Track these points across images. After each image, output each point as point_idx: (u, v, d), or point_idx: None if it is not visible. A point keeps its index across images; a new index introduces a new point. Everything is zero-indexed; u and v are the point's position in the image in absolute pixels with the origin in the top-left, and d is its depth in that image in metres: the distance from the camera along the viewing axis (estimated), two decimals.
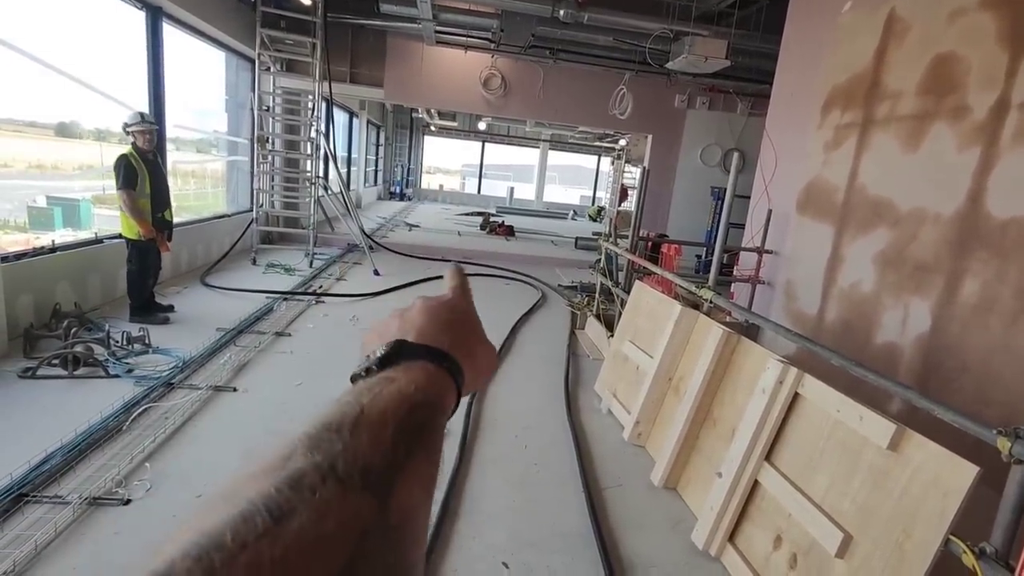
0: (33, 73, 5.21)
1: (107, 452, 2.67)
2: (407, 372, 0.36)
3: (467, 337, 0.46)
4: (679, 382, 3.11)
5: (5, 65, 4.83)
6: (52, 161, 8.67)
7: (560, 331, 5.65)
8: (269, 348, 4.31)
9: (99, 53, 6.04)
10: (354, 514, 0.25)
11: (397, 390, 0.33)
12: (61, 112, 7.02)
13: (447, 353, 0.40)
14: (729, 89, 9.06)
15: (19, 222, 9.27)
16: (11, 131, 11.50)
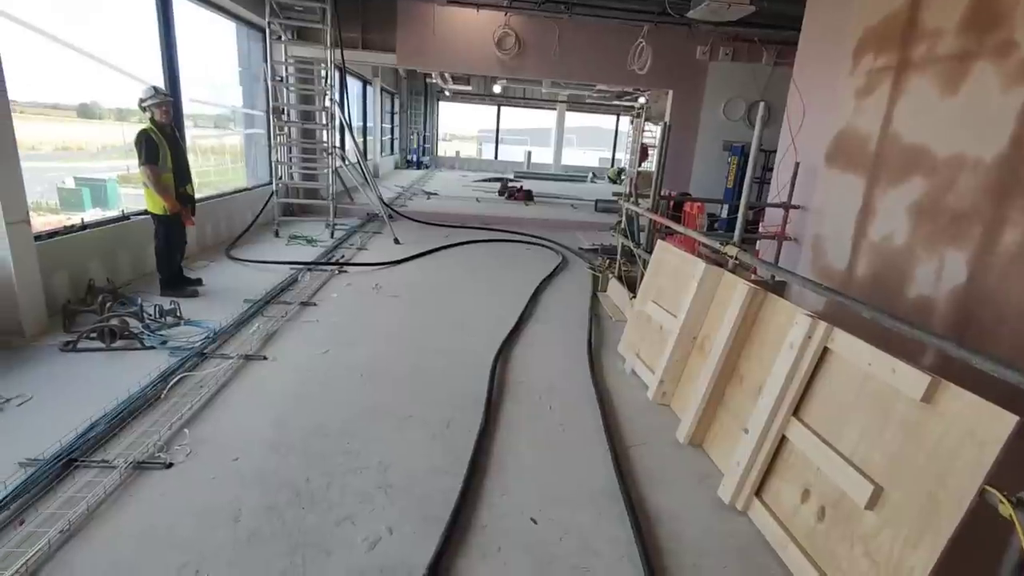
0: (53, 54, 5.24)
1: (147, 419, 2.78)
2: None
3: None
4: (704, 340, 3.08)
5: (27, 48, 4.85)
6: (77, 142, 8.82)
7: (582, 294, 5.63)
8: (295, 317, 4.38)
9: (113, 30, 6.03)
10: None
11: None
12: (82, 93, 7.09)
13: None
14: (754, 38, 8.67)
15: (51, 204, 9.53)
16: (36, 113, 11.74)
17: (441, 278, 5.87)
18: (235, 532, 2.13)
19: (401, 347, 3.96)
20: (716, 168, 9.57)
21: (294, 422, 2.89)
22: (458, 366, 3.70)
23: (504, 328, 4.38)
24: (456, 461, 2.64)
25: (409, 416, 3.01)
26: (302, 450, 2.66)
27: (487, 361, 3.73)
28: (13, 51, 4.20)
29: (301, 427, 2.84)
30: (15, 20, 4.60)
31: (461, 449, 2.73)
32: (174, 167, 4.53)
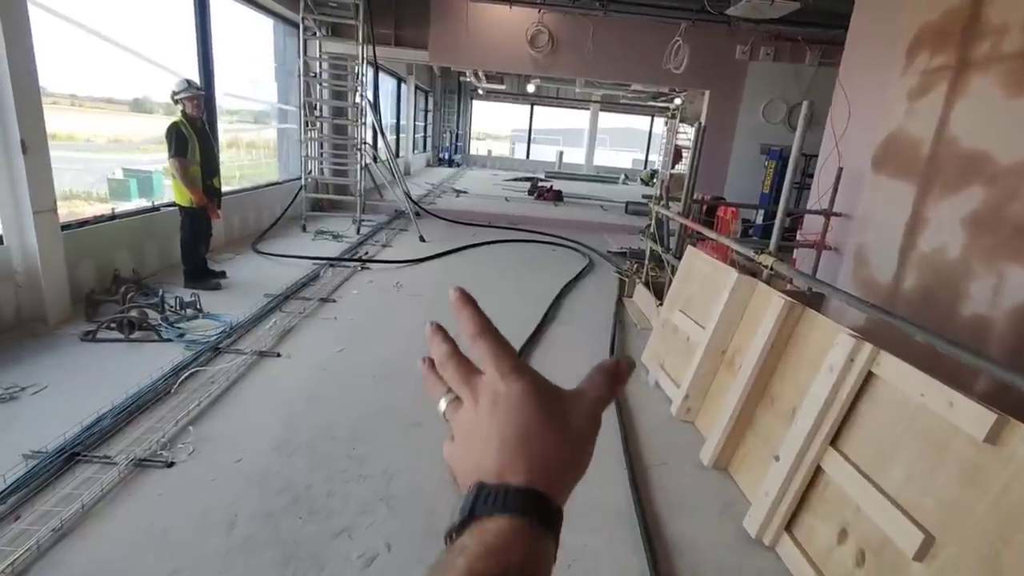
0: (108, 52, 5.39)
1: (155, 415, 2.74)
2: (482, 538, 0.31)
3: (555, 445, 0.36)
4: (733, 355, 2.88)
5: (85, 46, 4.99)
6: (128, 135, 9.10)
7: (607, 299, 5.44)
8: (314, 314, 4.34)
9: (155, 26, 6.15)
10: None
11: (473, 565, 0.29)
12: (135, 88, 7.30)
13: (536, 492, 0.33)
14: (798, 36, 8.29)
15: (101, 193, 9.87)
16: (92, 107, 12.17)
17: (464, 277, 5.76)
18: (229, 539, 2.05)
19: (418, 348, 3.83)
20: (753, 172, 9.21)
21: (302, 422, 2.82)
22: None
23: (526, 330, 4.24)
24: None
25: (419, 423, 2.90)
26: (307, 453, 2.57)
27: None
28: (72, 49, 4.35)
29: (309, 428, 2.76)
30: (72, 21, 4.73)
31: None
32: (202, 160, 4.54)
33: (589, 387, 0.42)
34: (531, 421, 0.36)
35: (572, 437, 0.38)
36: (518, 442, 0.35)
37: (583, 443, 0.39)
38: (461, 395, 0.40)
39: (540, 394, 0.38)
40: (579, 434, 0.39)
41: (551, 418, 0.37)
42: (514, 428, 0.36)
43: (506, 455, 0.35)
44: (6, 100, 3.31)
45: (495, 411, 0.37)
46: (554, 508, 0.34)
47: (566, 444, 0.37)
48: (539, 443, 0.35)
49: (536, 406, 0.37)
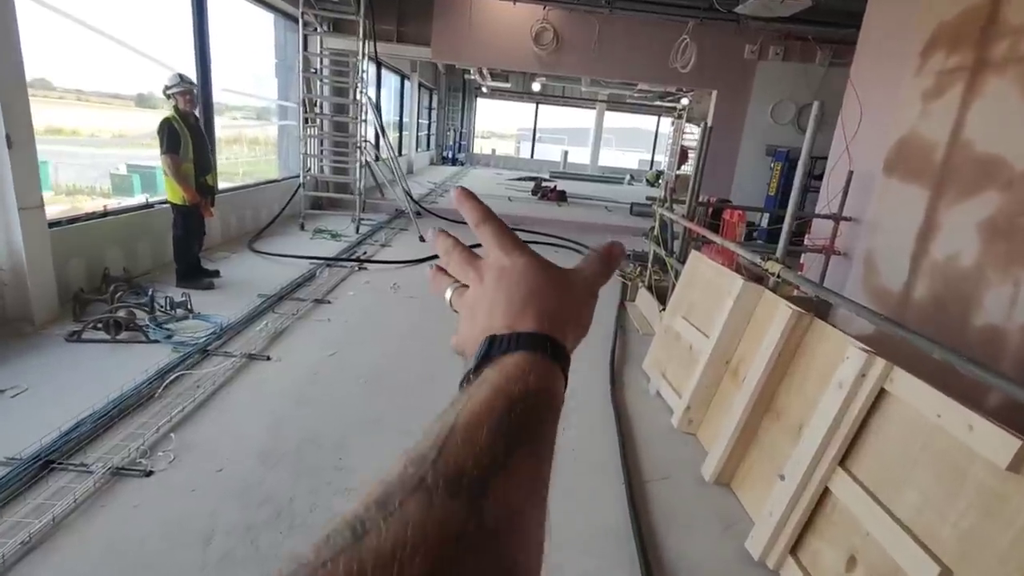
0: (113, 49, 5.34)
1: (136, 420, 2.65)
2: (501, 367, 0.34)
3: (557, 301, 0.40)
4: (738, 365, 2.76)
5: (91, 43, 4.94)
6: (133, 130, 9.05)
7: (609, 303, 5.33)
8: (307, 315, 4.24)
9: (159, 22, 6.08)
10: (439, 523, 0.25)
11: (490, 388, 0.32)
12: (140, 83, 7.25)
13: (544, 335, 0.37)
14: (808, 36, 8.14)
15: (104, 188, 9.81)
16: (98, 102, 12.12)
17: None
18: (205, 555, 1.95)
19: (412, 352, 3.76)
20: (760, 174, 9.07)
21: (288, 429, 2.72)
22: None
23: None
24: None
25: (408, 431, 2.79)
26: (292, 462, 2.48)
27: None
28: (79, 45, 4.32)
29: (295, 436, 2.67)
30: (75, 19, 4.67)
31: None
32: (195, 157, 4.45)
33: (586, 266, 0.45)
34: (536, 284, 0.40)
35: (573, 301, 0.41)
36: (525, 300, 0.38)
37: (583, 307, 0.43)
38: (467, 279, 0.43)
39: (542, 264, 0.42)
40: (579, 299, 0.42)
41: (554, 282, 0.41)
42: (520, 290, 0.39)
43: (514, 311, 0.38)
44: None
45: (500, 281, 0.40)
46: (563, 346, 0.37)
47: (569, 305, 0.41)
48: (544, 299, 0.39)
49: (539, 272, 0.41)
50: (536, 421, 0.32)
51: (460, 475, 0.27)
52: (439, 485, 0.26)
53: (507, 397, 0.31)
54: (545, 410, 0.34)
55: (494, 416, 0.30)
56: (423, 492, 0.26)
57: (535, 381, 0.34)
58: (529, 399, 0.32)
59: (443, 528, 0.25)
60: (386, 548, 0.23)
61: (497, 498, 0.27)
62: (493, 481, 0.27)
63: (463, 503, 0.26)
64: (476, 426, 0.29)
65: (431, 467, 0.27)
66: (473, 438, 0.29)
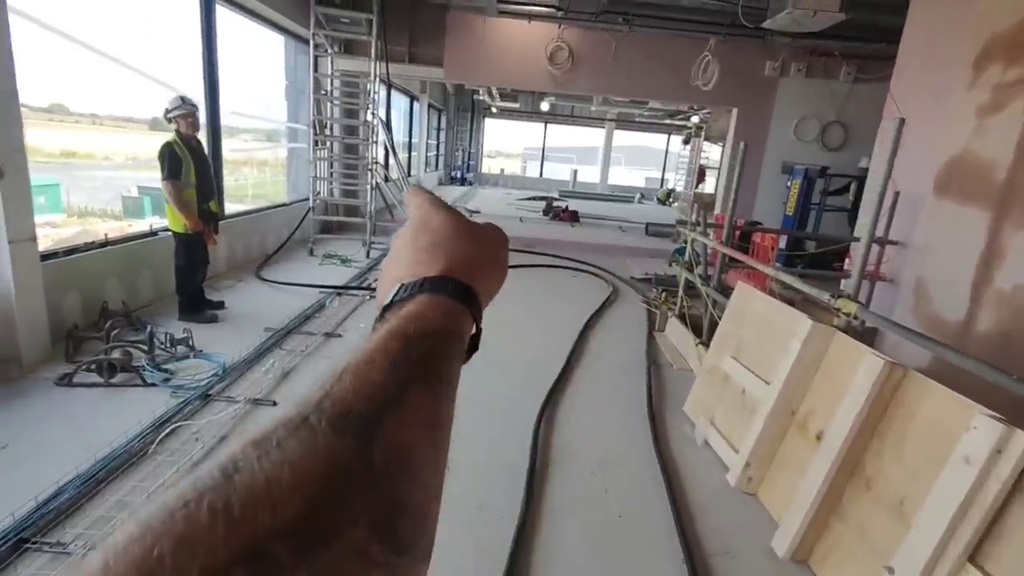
0: (127, 74, 5.22)
1: (125, 483, 2.33)
2: (402, 310, 0.34)
3: (468, 247, 0.41)
4: (806, 418, 2.42)
5: (105, 69, 4.84)
6: (146, 153, 8.97)
7: (636, 333, 5.00)
8: (316, 352, 3.94)
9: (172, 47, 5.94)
10: (323, 459, 0.24)
11: (386, 330, 0.32)
12: (154, 107, 7.11)
13: (448, 277, 0.38)
14: (835, 51, 7.89)
15: (115, 211, 9.70)
16: (113, 126, 12.14)
17: None
18: None
19: None
20: (784, 193, 8.77)
21: None
22: (494, 423, 3.14)
23: (548, 373, 3.81)
24: (489, 562, 2.08)
25: None
26: None
27: (528, 417, 3.16)
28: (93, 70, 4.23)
29: None
30: (88, 46, 4.52)
31: (495, 545, 2.16)
32: (198, 182, 4.21)
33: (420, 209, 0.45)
34: (446, 233, 0.41)
35: (486, 246, 0.43)
36: (434, 248, 0.40)
37: (497, 251, 0.45)
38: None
39: (456, 217, 0.43)
40: (491, 244, 0.44)
41: (464, 231, 0.42)
42: (430, 238, 0.41)
43: (423, 259, 0.39)
44: None
45: (417, 234, 0.41)
46: (469, 287, 0.38)
47: (481, 250, 0.42)
48: (453, 246, 0.40)
49: (451, 224, 0.42)
50: (435, 359, 0.32)
51: (347, 412, 0.26)
52: (323, 422, 0.25)
53: (403, 336, 0.31)
54: (445, 348, 0.33)
55: (389, 355, 0.30)
56: (306, 430, 0.24)
57: (435, 320, 0.34)
58: (429, 338, 0.32)
59: (327, 465, 0.24)
60: (259, 485, 0.22)
61: (388, 435, 0.26)
62: (385, 418, 0.27)
63: (350, 439, 0.25)
64: (368, 364, 0.29)
65: (315, 407, 0.26)
66: (364, 377, 0.28)
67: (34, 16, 4.08)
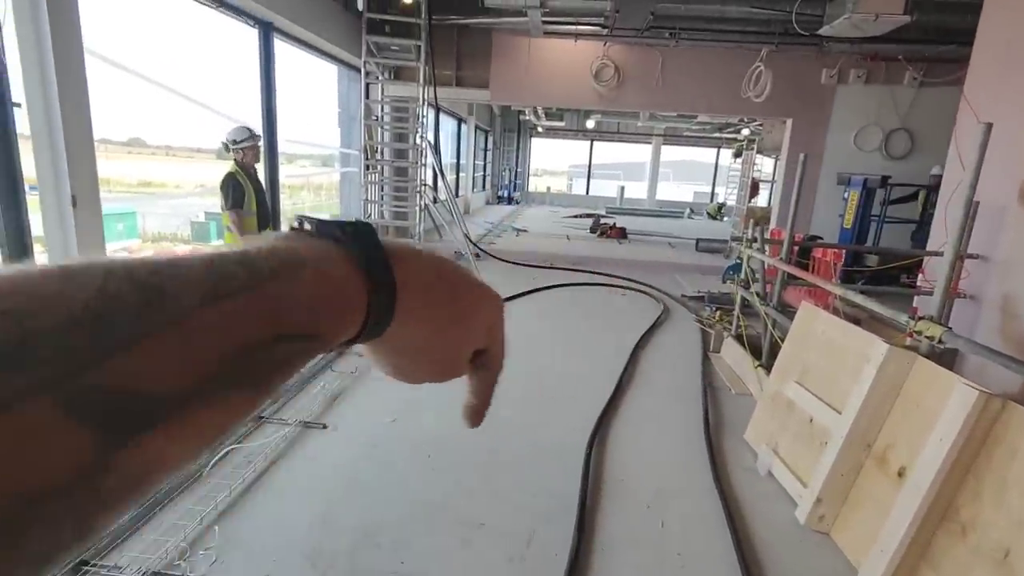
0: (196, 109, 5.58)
1: (180, 507, 2.37)
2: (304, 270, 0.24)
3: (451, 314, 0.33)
4: (886, 452, 2.21)
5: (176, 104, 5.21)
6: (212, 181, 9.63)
7: (690, 355, 4.79)
8: (365, 374, 3.96)
9: (234, 80, 6.30)
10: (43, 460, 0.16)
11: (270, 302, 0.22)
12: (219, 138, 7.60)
13: (391, 278, 0.28)
14: (898, 55, 7.50)
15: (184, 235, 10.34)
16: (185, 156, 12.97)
17: (527, 330, 5.29)
18: None
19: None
20: (841, 206, 8.34)
21: (343, 520, 2.37)
22: (543, 450, 3.05)
23: (598, 398, 3.68)
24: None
25: (481, 524, 2.39)
26: (345, 566, 2.11)
27: (578, 445, 3.05)
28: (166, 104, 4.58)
29: (349, 529, 2.32)
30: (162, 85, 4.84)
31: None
32: (257, 210, 4.37)
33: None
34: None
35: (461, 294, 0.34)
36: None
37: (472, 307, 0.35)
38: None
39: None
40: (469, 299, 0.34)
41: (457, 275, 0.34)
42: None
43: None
44: (59, 155, 3.20)
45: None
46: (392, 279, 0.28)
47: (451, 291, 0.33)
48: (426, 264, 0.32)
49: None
50: (289, 367, 0.24)
51: (132, 396, 0.18)
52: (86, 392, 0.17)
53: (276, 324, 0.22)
54: (307, 357, 0.25)
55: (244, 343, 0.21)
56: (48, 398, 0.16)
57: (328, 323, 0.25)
58: (306, 342, 0.24)
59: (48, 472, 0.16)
60: None
61: (153, 447, 0.18)
62: (173, 420, 0.19)
63: (92, 442, 0.17)
64: (214, 339, 0.20)
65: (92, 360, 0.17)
66: (198, 356, 0.19)
67: (114, 59, 4.39)
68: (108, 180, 9.07)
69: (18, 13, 3.07)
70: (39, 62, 3.15)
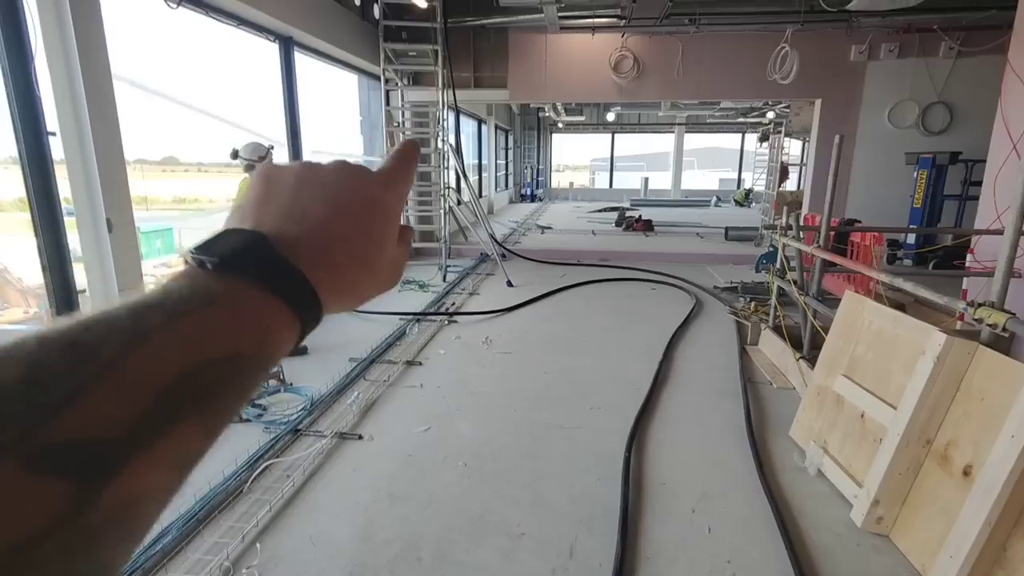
0: (225, 126, 5.71)
1: (222, 524, 2.40)
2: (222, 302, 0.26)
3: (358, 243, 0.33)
4: (947, 449, 2.08)
5: (205, 122, 5.37)
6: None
7: (726, 348, 4.66)
8: (398, 381, 3.96)
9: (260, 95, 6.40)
10: (25, 512, 0.18)
11: (193, 334, 0.24)
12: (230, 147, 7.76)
13: (301, 277, 0.29)
14: (932, 25, 7.16)
15: None
16: (216, 172, 13.31)
17: (558, 328, 5.23)
18: None
19: (512, 423, 3.34)
20: (883, 187, 8.02)
21: (383, 532, 2.36)
22: (581, 452, 2.99)
23: (634, 396, 3.60)
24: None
25: (521, 534, 2.34)
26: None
27: (616, 447, 2.98)
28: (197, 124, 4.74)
29: (390, 542, 2.30)
30: (193, 107, 4.93)
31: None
32: None
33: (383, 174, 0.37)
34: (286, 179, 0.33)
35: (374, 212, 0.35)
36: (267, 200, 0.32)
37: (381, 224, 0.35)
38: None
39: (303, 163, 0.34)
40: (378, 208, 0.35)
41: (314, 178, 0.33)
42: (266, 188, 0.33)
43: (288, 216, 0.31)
44: (93, 179, 3.28)
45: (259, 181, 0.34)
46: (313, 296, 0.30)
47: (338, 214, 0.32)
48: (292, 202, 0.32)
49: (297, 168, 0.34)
50: (224, 390, 0.25)
51: (86, 444, 0.20)
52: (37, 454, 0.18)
53: (202, 354, 0.24)
54: (250, 375, 0.26)
55: (170, 378, 0.22)
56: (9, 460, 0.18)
57: (252, 339, 0.26)
58: (232, 363, 0.25)
59: (26, 522, 0.18)
60: None
61: (127, 483, 0.20)
62: (132, 458, 0.21)
63: (68, 486, 0.19)
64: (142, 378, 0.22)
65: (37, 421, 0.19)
66: (130, 397, 0.21)
67: (146, 85, 4.50)
68: (146, 199, 9.38)
69: (49, 47, 3.16)
70: (70, 93, 3.23)
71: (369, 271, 0.34)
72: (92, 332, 0.22)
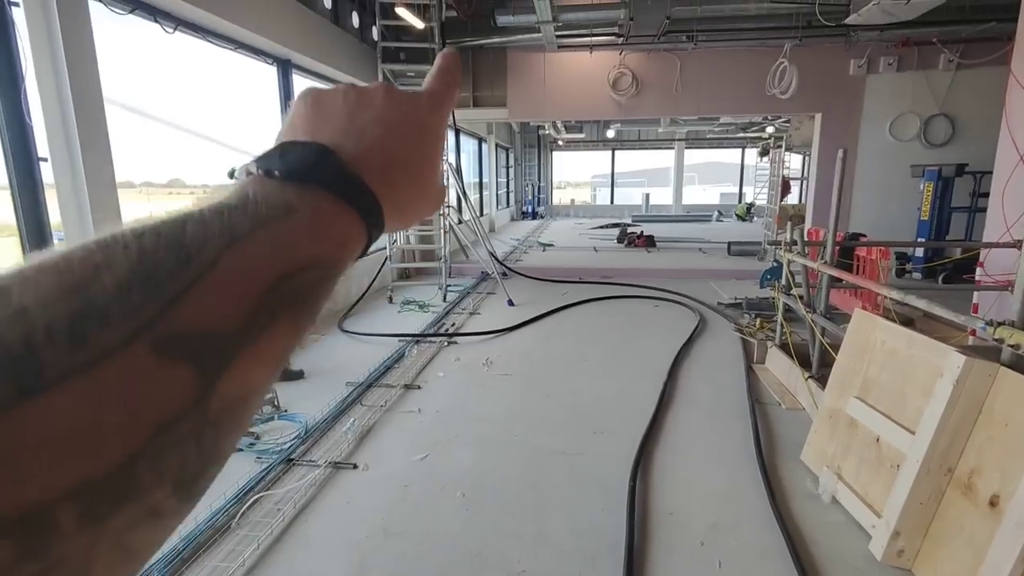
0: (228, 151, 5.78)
1: (210, 561, 2.28)
2: (301, 210, 0.26)
3: (413, 164, 0.34)
4: (972, 478, 1.97)
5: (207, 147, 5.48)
6: None
7: (732, 367, 4.55)
8: (396, 406, 3.86)
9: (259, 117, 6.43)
10: (158, 399, 0.19)
11: (282, 239, 0.25)
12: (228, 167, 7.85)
13: (368, 190, 0.30)
14: (931, 38, 7.16)
15: None
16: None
17: (559, 349, 5.12)
18: None
19: (512, 450, 3.23)
20: (886, 200, 7.95)
21: (376, 572, 2.24)
22: (585, 481, 2.87)
23: (639, 419, 3.49)
24: None
25: (522, 572, 2.22)
26: None
27: (621, 473, 2.86)
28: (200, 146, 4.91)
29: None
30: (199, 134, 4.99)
31: None
32: None
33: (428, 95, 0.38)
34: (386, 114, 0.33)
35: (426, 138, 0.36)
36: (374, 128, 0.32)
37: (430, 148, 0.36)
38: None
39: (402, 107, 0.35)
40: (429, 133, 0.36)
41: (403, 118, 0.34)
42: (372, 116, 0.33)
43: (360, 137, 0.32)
44: (83, 204, 3.23)
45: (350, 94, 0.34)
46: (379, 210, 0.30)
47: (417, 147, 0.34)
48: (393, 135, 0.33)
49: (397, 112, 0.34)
50: (311, 295, 0.26)
51: (204, 335, 0.21)
52: (165, 340, 0.19)
53: (294, 262, 0.25)
54: (330, 281, 0.28)
55: (270, 281, 0.24)
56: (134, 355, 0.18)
57: (333, 247, 0.28)
58: (317, 270, 0.26)
59: (158, 408, 0.19)
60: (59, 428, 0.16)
61: (237, 375, 0.22)
62: (241, 354, 0.22)
63: (190, 374, 0.20)
64: (245, 279, 0.23)
65: (163, 312, 0.19)
66: (238, 295, 0.22)
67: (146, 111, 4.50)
68: None
69: (40, 72, 3.13)
70: (61, 118, 3.20)
71: (421, 191, 0.35)
72: (190, 234, 0.22)
